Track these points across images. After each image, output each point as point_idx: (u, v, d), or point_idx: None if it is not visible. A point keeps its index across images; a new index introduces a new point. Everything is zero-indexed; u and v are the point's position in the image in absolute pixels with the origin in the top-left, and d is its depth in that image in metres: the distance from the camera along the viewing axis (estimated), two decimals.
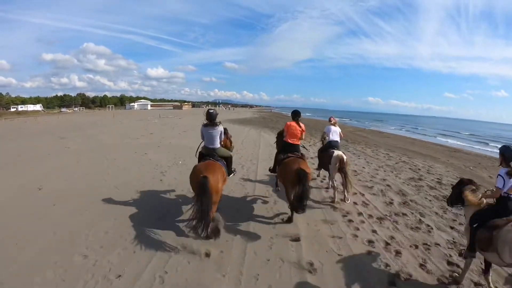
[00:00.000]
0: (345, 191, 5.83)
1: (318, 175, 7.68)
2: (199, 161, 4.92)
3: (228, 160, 5.00)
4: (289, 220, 4.81)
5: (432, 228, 4.80)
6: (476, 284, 3.30)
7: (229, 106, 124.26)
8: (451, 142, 25.31)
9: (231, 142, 5.67)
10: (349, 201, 5.83)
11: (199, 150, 5.08)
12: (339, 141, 6.47)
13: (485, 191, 3.29)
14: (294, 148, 5.22)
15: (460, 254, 3.83)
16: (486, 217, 3.03)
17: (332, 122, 6.64)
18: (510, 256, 2.76)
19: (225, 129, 5.12)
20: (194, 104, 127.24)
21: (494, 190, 3.06)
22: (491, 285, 3.11)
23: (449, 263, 3.74)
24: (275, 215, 5.16)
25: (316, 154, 7.86)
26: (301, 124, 5.30)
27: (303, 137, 5.37)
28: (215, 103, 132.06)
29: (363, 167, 9.40)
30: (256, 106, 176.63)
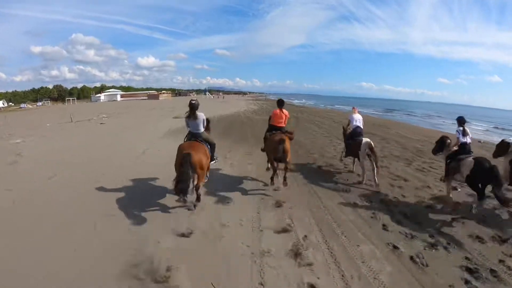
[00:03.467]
0: (375, 176, 6.22)
1: (341, 160, 7.97)
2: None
3: (211, 145, 5.39)
4: (268, 169, 6.65)
5: None
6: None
7: (220, 93, 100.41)
8: None
9: None
10: (378, 185, 6.26)
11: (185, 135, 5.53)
12: (362, 127, 7.23)
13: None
14: (280, 129, 6.18)
15: (440, 179, 6.07)
16: (454, 156, 5.37)
17: (356, 112, 7.48)
18: (465, 174, 4.93)
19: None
20: (180, 92, 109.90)
21: (457, 140, 5.43)
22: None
23: None
24: None
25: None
26: (284, 111, 6.30)
27: (285, 122, 6.34)
28: (201, 91, 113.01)
29: None
30: (249, 92, 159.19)
